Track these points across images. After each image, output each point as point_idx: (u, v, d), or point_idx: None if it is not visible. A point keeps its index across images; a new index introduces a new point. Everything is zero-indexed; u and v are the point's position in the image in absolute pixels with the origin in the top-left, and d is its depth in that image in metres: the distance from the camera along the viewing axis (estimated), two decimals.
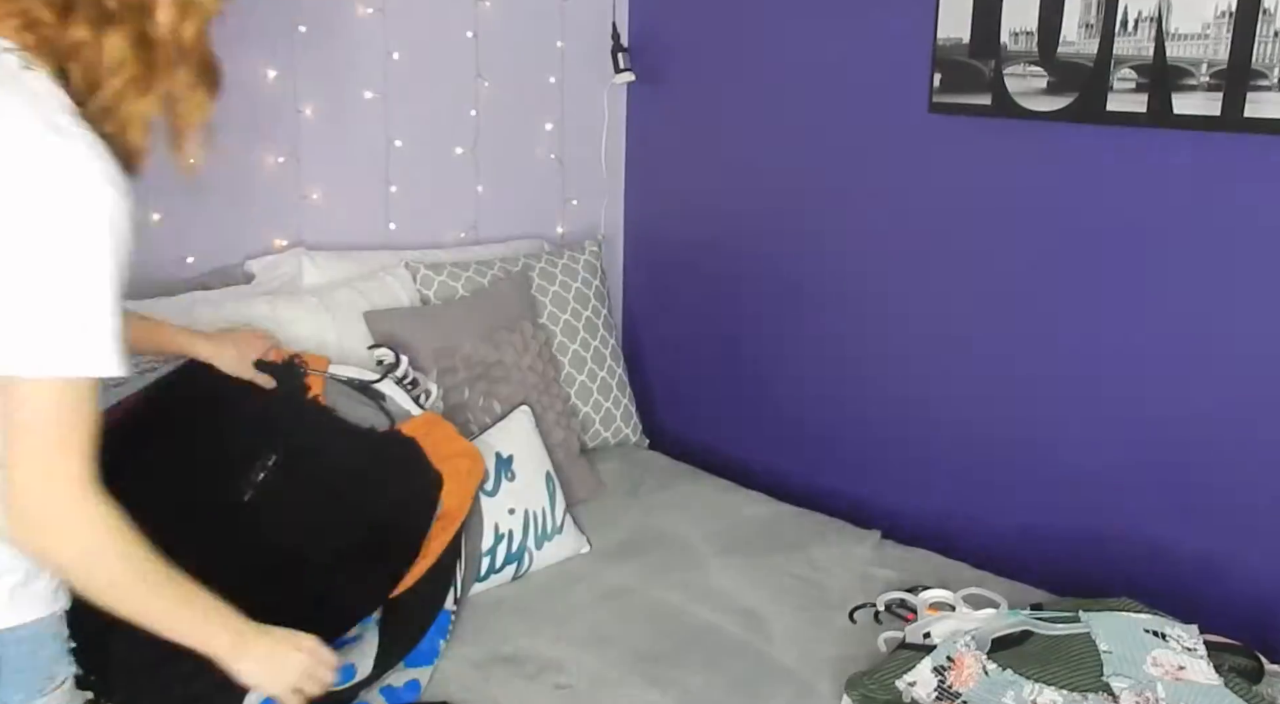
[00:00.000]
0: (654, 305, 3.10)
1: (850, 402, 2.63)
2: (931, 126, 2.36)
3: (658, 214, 3.04)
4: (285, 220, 2.46)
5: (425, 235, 2.69)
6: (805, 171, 2.63)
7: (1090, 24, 2.07)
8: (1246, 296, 1.98)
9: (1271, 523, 2.00)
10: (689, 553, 2.24)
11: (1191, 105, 1.96)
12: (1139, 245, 2.10)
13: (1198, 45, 1.94)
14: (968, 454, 2.42)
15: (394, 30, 2.53)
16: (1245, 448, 2.01)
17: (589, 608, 2.03)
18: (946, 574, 2.14)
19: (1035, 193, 2.22)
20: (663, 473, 2.64)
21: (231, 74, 2.42)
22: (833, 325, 2.63)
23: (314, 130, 2.45)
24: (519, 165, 2.85)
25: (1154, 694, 1.61)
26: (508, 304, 2.51)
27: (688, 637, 1.93)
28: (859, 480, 2.63)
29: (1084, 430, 2.23)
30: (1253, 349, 1.99)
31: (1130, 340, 2.14)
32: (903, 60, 2.37)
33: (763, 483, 2.65)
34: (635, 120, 3.04)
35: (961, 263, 2.36)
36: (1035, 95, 2.16)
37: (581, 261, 2.75)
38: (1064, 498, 2.28)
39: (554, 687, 1.78)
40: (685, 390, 3.03)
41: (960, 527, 2.44)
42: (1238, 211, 1.97)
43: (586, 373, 2.68)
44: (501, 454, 2.17)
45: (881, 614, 1.99)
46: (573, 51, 2.88)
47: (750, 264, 2.79)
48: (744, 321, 2.83)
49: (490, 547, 2.07)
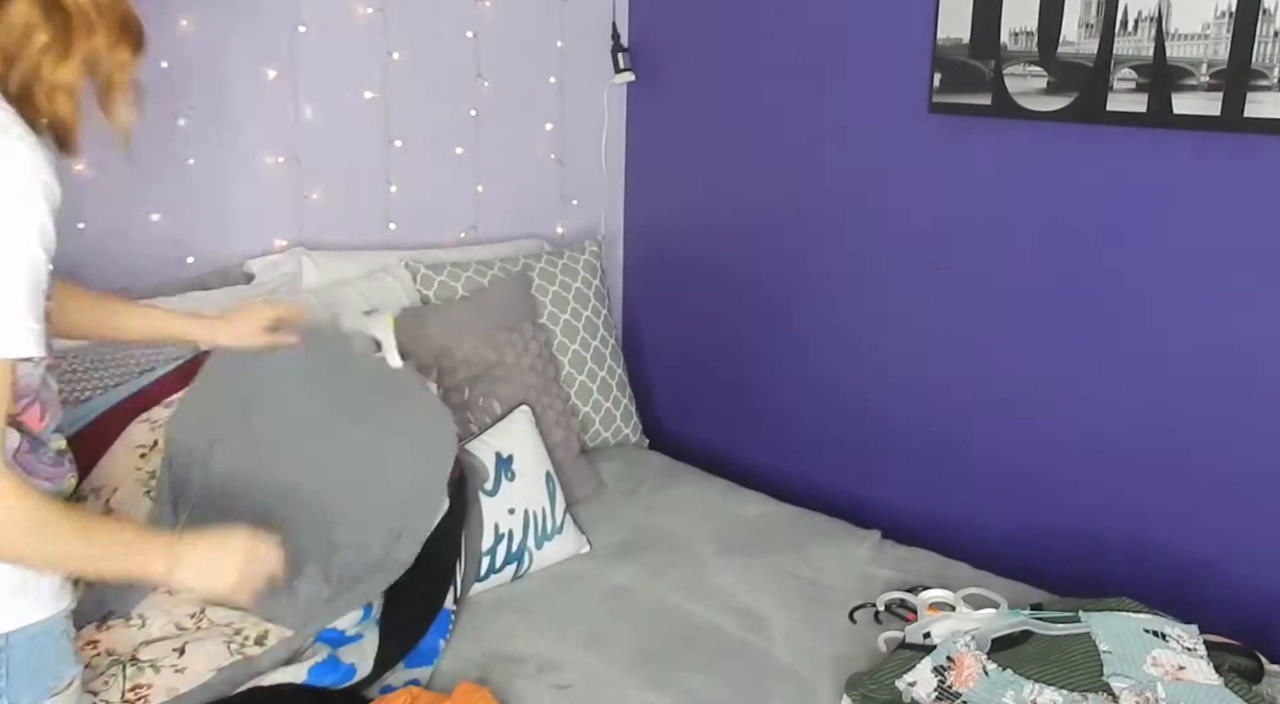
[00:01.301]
0: (654, 305, 3.10)
1: (850, 401, 2.63)
2: (931, 126, 2.36)
3: (658, 214, 3.04)
4: (285, 220, 2.46)
5: (425, 235, 2.69)
6: (805, 171, 2.63)
7: (1090, 24, 2.07)
8: (1247, 296, 1.98)
9: (1271, 523, 2.00)
10: (689, 553, 2.24)
11: (1191, 105, 1.96)
12: (1139, 245, 2.10)
13: (1198, 45, 1.94)
14: (968, 454, 2.42)
15: (394, 30, 2.53)
16: (1246, 448, 2.01)
17: (589, 608, 2.03)
18: (946, 574, 2.14)
19: (1035, 193, 2.22)
20: (663, 473, 2.64)
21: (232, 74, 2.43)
22: (833, 325, 2.63)
23: (314, 130, 2.45)
24: (519, 165, 2.85)
25: (1154, 694, 1.61)
26: (508, 304, 2.51)
27: (688, 637, 1.93)
28: (859, 480, 2.63)
29: (1084, 430, 2.22)
30: (1253, 349, 1.99)
31: (1130, 340, 2.14)
32: (903, 60, 2.37)
33: (763, 483, 2.65)
34: (635, 120, 3.04)
35: (961, 263, 2.36)
36: (1035, 95, 2.16)
37: (581, 261, 2.75)
38: (1064, 498, 2.28)
39: (554, 687, 1.78)
40: (685, 390, 3.03)
41: (960, 527, 2.44)
42: (1238, 211, 1.97)
43: (586, 373, 2.68)
44: (501, 454, 2.17)
45: (881, 614, 1.99)
46: (573, 51, 2.88)
47: (750, 264, 2.79)
48: (744, 322, 2.83)
49: (490, 546, 2.07)
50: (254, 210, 2.41)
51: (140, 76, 1.21)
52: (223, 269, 2.33)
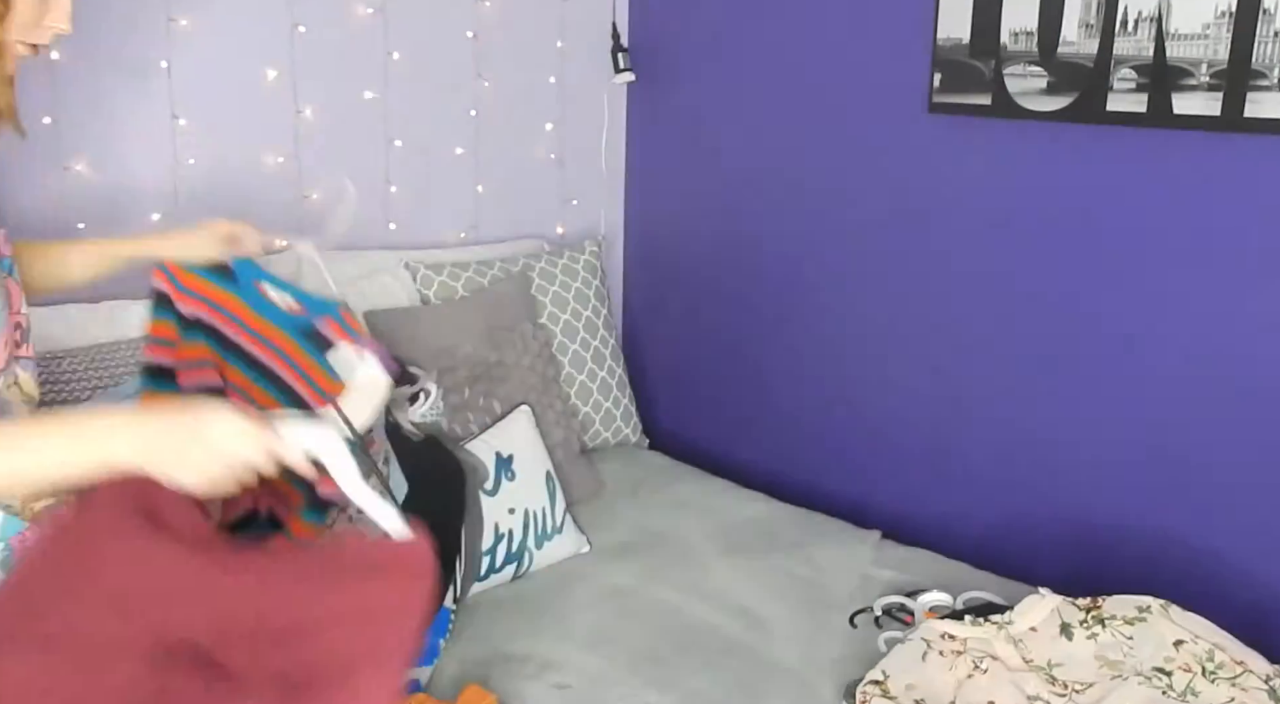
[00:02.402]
0: (654, 305, 3.10)
1: (850, 402, 2.63)
2: (931, 126, 2.36)
3: (658, 214, 3.04)
4: (285, 220, 2.46)
5: (425, 235, 2.69)
6: (805, 171, 2.63)
7: (1090, 24, 2.07)
8: (1247, 295, 1.98)
9: (1272, 522, 2.00)
10: (689, 553, 2.24)
11: (1191, 105, 1.96)
12: (1139, 245, 2.10)
13: (1198, 45, 1.94)
14: (968, 453, 2.42)
15: (394, 30, 2.53)
16: (1246, 447, 2.01)
17: (589, 608, 2.03)
18: (946, 574, 2.14)
19: (1035, 193, 2.22)
20: (663, 473, 2.64)
21: (232, 74, 2.43)
22: (833, 325, 2.63)
23: (314, 130, 2.45)
24: (519, 165, 2.85)
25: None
26: (508, 304, 2.51)
27: (688, 637, 1.93)
28: (859, 480, 2.63)
29: (1084, 431, 2.22)
30: (1251, 349, 1.99)
31: (1130, 339, 2.14)
32: (903, 60, 2.37)
33: (763, 483, 2.65)
34: (635, 120, 3.04)
35: (961, 262, 2.36)
36: (1035, 95, 2.16)
37: (581, 262, 2.75)
38: (1065, 498, 2.28)
39: (554, 687, 1.78)
40: (685, 390, 3.03)
41: (961, 526, 2.44)
42: (1238, 211, 1.97)
43: (586, 373, 2.68)
44: (501, 454, 2.17)
45: (881, 619, 1.98)
46: (573, 51, 2.88)
47: (750, 264, 2.79)
48: (744, 322, 2.83)
49: (490, 546, 2.07)
50: (253, 210, 2.40)
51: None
52: None
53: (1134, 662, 1.67)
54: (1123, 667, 1.67)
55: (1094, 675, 1.67)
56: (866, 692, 1.65)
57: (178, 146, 2.26)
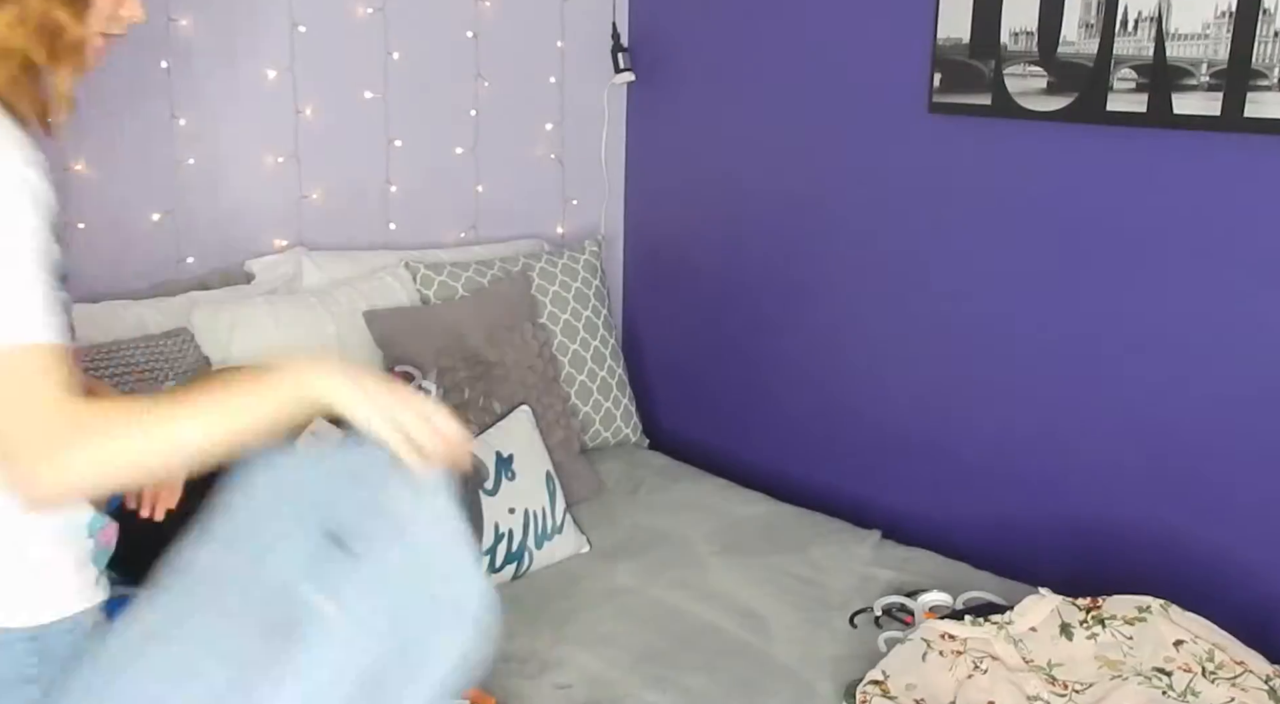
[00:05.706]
0: (654, 305, 3.10)
1: (850, 401, 2.63)
2: (931, 126, 2.36)
3: (658, 214, 3.04)
4: (285, 220, 2.46)
5: (425, 235, 2.69)
6: (805, 171, 2.63)
7: (1090, 24, 2.07)
8: (1247, 295, 1.98)
9: (1273, 522, 2.00)
10: (689, 553, 2.24)
11: (1191, 105, 1.96)
12: (1139, 245, 2.10)
13: (1198, 45, 1.94)
14: (969, 453, 2.42)
15: (394, 30, 2.53)
16: (1246, 446, 2.01)
17: (589, 608, 2.03)
18: (947, 574, 2.14)
19: (1035, 193, 2.22)
20: (663, 473, 2.64)
21: (232, 74, 2.43)
22: (833, 325, 2.63)
23: (314, 130, 2.45)
24: (519, 165, 2.85)
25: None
26: (508, 304, 2.51)
27: (688, 637, 1.93)
28: (859, 480, 2.63)
29: (1084, 431, 2.22)
30: (1253, 348, 1.99)
31: (1130, 339, 2.14)
32: (903, 60, 2.37)
33: (763, 483, 2.64)
34: (635, 120, 3.04)
35: (961, 263, 2.36)
36: (1035, 95, 2.16)
37: (581, 261, 2.75)
38: (1065, 498, 2.28)
39: (554, 687, 1.78)
40: (685, 390, 3.03)
41: (961, 526, 2.44)
42: (1237, 211, 1.97)
43: (586, 373, 2.68)
44: (501, 454, 2.17)
45: (881, 619, 1.98)
46: (573, 51, 2.88)
47: (750, 264, 2.79)
48: (744, 321, 2.83)
49: (490, 546, 2.07)
50: (254, 210, 2.41)
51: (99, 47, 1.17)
52: (223, 269, 2.34)
53: (1134, 662, 1.67)
54: (1123, 667, 1.67)
55: (1094, 675, 1.67)
56: (866, 692, 1.65)
57: (178, 147, 2.27)
